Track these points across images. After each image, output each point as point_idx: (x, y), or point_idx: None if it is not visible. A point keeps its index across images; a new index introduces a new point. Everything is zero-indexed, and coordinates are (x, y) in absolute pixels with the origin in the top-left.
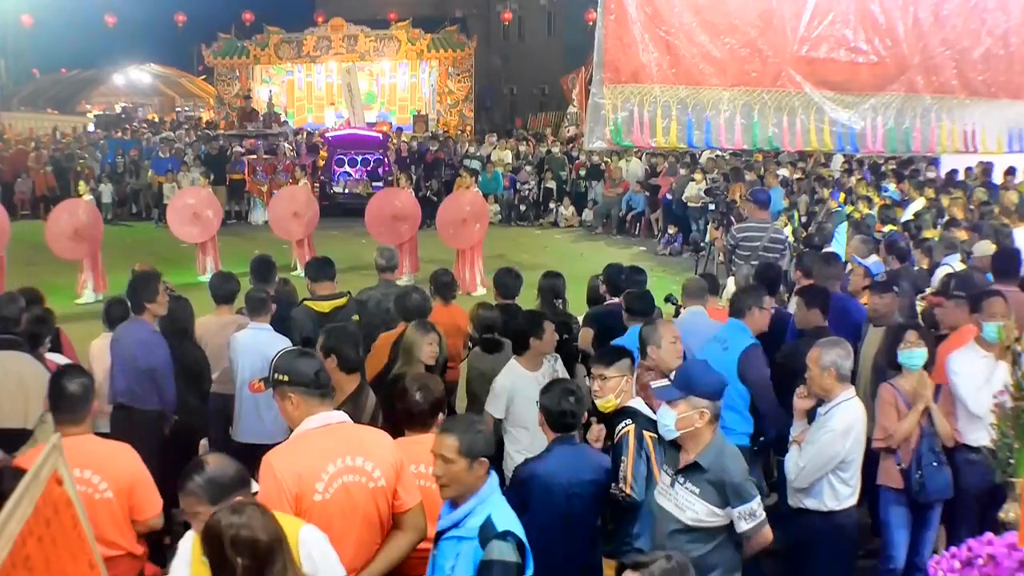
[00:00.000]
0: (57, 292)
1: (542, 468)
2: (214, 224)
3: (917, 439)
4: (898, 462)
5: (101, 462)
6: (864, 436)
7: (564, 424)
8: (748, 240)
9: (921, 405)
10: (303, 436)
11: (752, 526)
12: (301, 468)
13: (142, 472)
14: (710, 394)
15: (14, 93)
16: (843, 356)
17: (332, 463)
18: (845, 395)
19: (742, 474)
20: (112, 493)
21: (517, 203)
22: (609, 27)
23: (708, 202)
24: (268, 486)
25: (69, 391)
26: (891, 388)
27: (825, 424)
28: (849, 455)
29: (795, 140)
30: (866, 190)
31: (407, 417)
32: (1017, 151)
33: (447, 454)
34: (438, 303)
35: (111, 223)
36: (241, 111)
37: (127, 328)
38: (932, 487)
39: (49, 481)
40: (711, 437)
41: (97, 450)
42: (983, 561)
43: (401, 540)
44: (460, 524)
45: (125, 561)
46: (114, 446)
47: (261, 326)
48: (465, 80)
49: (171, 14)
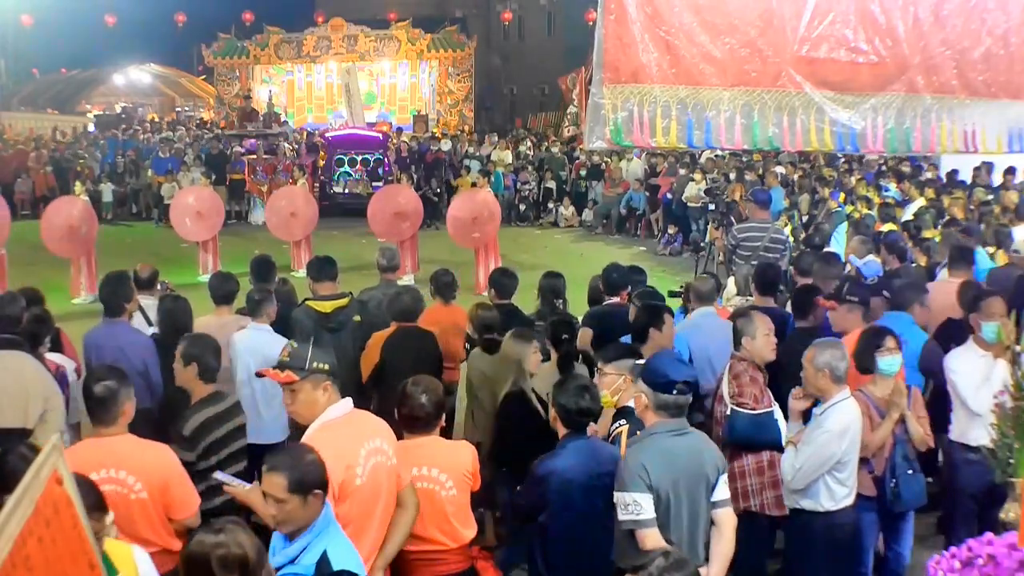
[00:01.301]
0: (56, 292)
1: (559, 464)
2: (217, 223)
3: (890, 447)
4: (870, 470)
5: (136, 463)
6: (860, 436)
7: (579, 422)
8: (749, 240)
9: (896, 413)
10: (333, 424)
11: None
12: (344, 455)
13: (177, 472)
14: (654, 384)
15: (14, 93)
16: (838, 357)
17: (362, 447)
18: (841, 395)
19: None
20: (147, 493)
21: (517, 203)
22: (609, 27)
23: (708, 202)
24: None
25: (95, 393)
26: (862, 396)
27: (821, 424)
28: (845, 455)
29: (795, 140)
30: (866, 190)
31: (411, 421)
32: (1017, 151)
33: (278, 494)
34: (438, 303)
35: (111, 223)
36: (241, 111)
37: (109, 331)
38: (907, 495)
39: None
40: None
41: (131, 450)
42: (983, 561)
43: (404, 517)
44: (296, 560)
45: (159, 556)
46: (149, 446)
47: (261, 326)
48: (465, 80)
49: (171, 14)
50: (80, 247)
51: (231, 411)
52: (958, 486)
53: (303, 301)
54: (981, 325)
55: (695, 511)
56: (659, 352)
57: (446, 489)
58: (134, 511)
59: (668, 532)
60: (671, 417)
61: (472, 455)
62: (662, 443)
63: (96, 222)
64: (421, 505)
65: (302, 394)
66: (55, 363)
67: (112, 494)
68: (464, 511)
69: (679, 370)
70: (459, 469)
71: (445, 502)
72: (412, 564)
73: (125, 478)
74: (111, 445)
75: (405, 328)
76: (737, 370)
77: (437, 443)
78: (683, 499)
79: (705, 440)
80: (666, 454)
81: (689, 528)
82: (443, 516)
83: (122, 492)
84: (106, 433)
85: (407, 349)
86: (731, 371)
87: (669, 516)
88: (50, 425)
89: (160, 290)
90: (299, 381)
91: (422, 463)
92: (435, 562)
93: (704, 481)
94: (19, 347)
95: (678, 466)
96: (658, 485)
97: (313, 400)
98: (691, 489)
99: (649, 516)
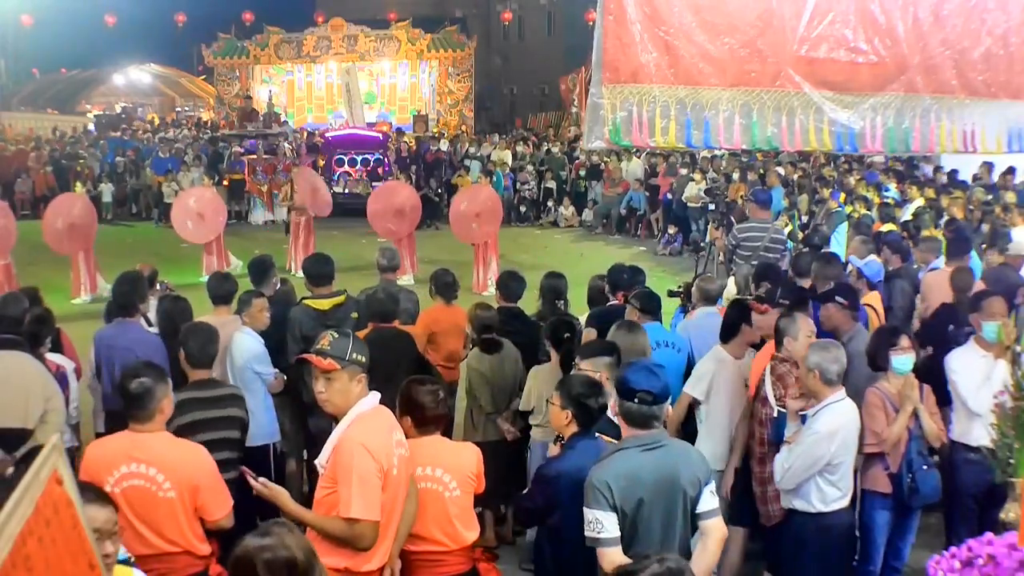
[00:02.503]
0: (56, 292)
1: (568, 465)
2: (219, 224)
3: (906, 442)
4: (886, 467)
5: (168, 461)
6: (856, 439)
7: (589, 420)
8: (750, 240)
9: (909, 407)
10: (368, 416)
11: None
12: (384, 445)
13: (210, 473)
14: (620, 392)
15: (14, 93)
16: (829, 360)
17: (392, 438)
18: (833, 397)
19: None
20: (175, 493)
21: (517, 203)
22: (608, 27)
23: (708, 202)
24: (368, 468)
25: (131, 390)
26: (877, 392)
27: (811, 426)
28: (836, 458)
29: (794, 140)
30: (866, 190)
31: (422, 421)
32: (1017, 151)
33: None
34: (439, 303)
35: (111, 223)
36: (241, 111)
37: (119, 330)
38: (925, 490)
39: (49, 481)
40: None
41: (165, 449)
42: (983, 561)
43: (411, 507)
44: None
45: (183, 557)
46: (183, 445)
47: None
48: (465, 80)
49: (171, 14)
50: (80, 243)
51: (221, 400)
52: (958, 486)
53: (300, 300)
54: (982, 325)
55: (668, 528)
56: (636, 361)
57: (450, 490)
58: (160, 510)
59: (639, 548)
60: (639, 428)
61: (476, 457)
62: (629, 460)
63: (95, 219)
64: (425, 506)
65: (339, 383)
66: (55, 363)
67: (138, 489)
68: (467, 513)
69: (645, 379)
70: (463, 470)
71: (449, 503)
72: (414, 565)
73: (155, 475)
74: (145, 440)
75: (380, 329)
76: (780, 371)
77: (442, 443)
78: (654, 516)
79: (684, 452)
80: (632, 471)
81: (663, 543)
82: (446, 517)
83: (149, 488)
84: (142, 430)
85: (385, 350)
86: (773, 372)
87: (637, 533)
88: (50, 425)
89: (160, 290)
90: (338, 370)
91: (426, 463)
92: (437, 563)
93: (680, 495)
94: (20, 347)
95: (645, 483)
96: (622, 504)
97: (348, 390)
98: (664, 505)
99: (610, 535)
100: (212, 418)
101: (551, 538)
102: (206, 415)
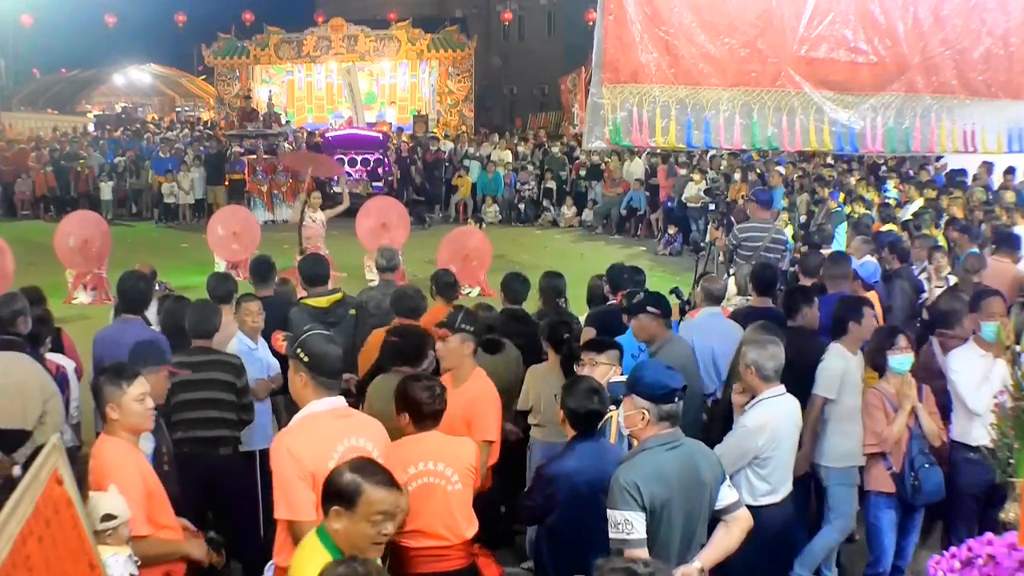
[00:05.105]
0: (56, 292)
1: (567, 467)
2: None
3: (907, 442)
4: (888, 466)
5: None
6: (792, 434)
7: (589, 424)
8: (750, 240)
9: (908, 405)
10: (311, 417)
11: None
12: (314, 448)
13: None
14: (654, 397)
15: (14, 93)
16: (766, 356)
17: (340, 443)
18: (768, 393)
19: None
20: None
21: (517, 203)
22: (608, 27)
23: (708, 202)
24: (287, 470)
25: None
26: (876, 392)
27: (741, 420)
28: (764, 452)
29: (795, 140)
30: (866, 190)
31: (419, 417)
32: (1017, 151)
33: None
34: (440, 303)
35: (111, 223)
36: (241, 111)
37: (122, 328)
38: (928, 487)
39: (49, 481)
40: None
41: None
42: (983, 561)
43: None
44: None
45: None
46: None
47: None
48: (465, 80)
49: (171, 14)
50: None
51: (207, 364)
52: (958, 486)
53: (298, 299)
54: (981, 325)
55: (691, 525)
56: (644, 363)
57: (452, 484)
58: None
59: (661, 547)
60: (670, 427)
61: (475, 450)
62: (655, 459)
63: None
64: (427, 501)
65: (290, 371)
66: (56, 363)
67: None
68: (467, 507)
69: (674, 378)
70: (463, 463)
71: (451, 496)
72: (415, 561)
73: None
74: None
75: (405, 325)
76: None
77: (441, 438)
78: (679, 514)
79: (700, 448)
80: (659, 470)
81: (683, 541)
82: (448, 511)
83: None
84: None
85: None
86: None
87: (660, 532)
88: (48, 426)
89: (160, 291)
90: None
91: (427, 458)
92: (437, 559)
93: (705, 491)
94: (19, 348)
95: (671, 481)
96: (652, 503)
97: (291, 381)
98: (688, 503)
99: (639, 536)
100: (194, 380)
101: (549, 537)
102: (191, 377)
